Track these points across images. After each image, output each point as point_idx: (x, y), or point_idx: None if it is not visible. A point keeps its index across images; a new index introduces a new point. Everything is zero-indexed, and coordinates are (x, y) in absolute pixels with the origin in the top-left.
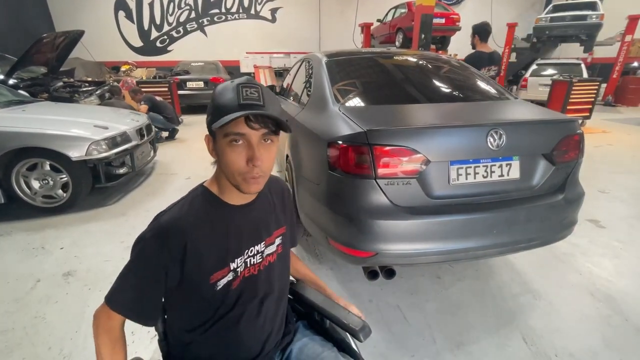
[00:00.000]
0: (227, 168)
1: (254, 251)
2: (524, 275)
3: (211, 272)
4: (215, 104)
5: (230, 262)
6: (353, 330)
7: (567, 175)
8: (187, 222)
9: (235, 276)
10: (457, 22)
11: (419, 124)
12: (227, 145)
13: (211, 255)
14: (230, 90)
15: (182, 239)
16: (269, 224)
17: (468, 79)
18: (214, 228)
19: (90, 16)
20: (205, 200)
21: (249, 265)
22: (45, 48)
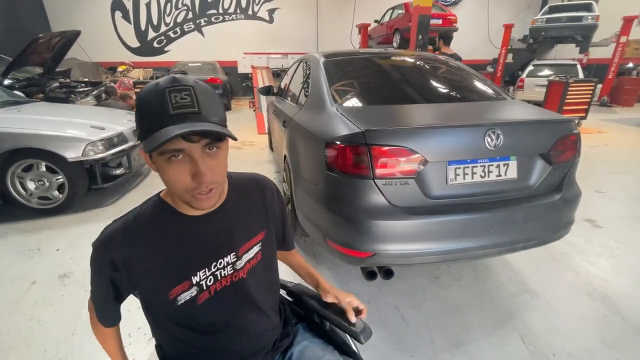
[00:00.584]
0: (171, 186)
1: (223, 263)
2: (521, 275)
3: (169, 288)
4: (140, 114)
5: (192, 275)
6: (354, 332)
7: (564, 175)
8: (131, 234)
9: (200, 290)
10: (454, 23)
11: (416, 124)
12: (165, 163)
13: (165, 269)
14: (156, 96)
15: (123, 252)
16: (240, 232)
17: (465, 79)
18: (167, 240)
19: (86, 16)
20: (157, 211)
21: (219, 278)
22: (41, 48)
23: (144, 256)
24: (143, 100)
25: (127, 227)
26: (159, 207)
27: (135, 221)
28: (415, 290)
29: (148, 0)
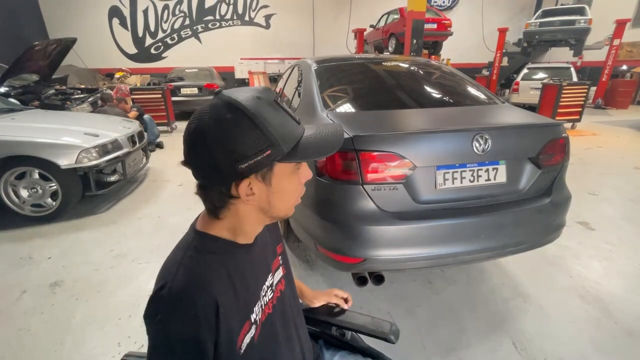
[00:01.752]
0: (288, 201)
1: (265, 289)
2: (514, 278)
3: (237, 334)
4: (273, 128)
5: (251, 313)
6: (383, 334)
7: (553, 178)
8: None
9: (255, 327)
10: (448, 28)
11: (405, 130)
12: (292, 174)
13: (235, 312)
14: (273, 109)
15: (213, 298)
16: (271, 249)
17: (457, 84)
18: (232, 279)
19: (84, 23)
20: (211, 248)
21: (263, 307)
22: (37, 56)
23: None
24: (266, 112)
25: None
26: (209, 243)
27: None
28: (408, 296)
29: (145, 7)
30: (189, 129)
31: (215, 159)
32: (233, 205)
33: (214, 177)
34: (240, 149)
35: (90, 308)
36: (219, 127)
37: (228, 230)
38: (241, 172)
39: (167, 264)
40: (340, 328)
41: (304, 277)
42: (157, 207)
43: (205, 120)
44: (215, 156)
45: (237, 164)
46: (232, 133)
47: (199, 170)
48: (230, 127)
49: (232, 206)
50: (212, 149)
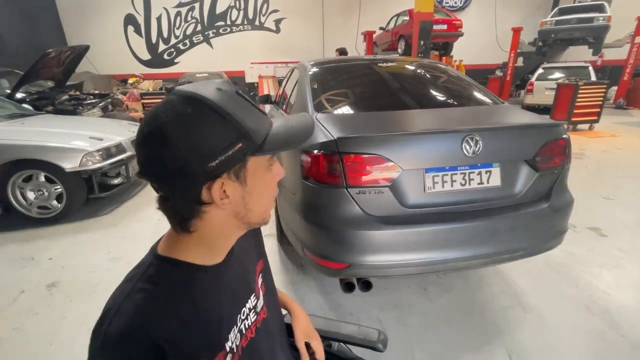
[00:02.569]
0: (266, 198)
1: (246, 311)
2: (515, 286)
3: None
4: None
5: (225, 342)
6: (371, 343)
7: (552, 182)
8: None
9: (232, 355)
10: (459, 28)
11: (390, 131)
12: (266, 170)
13: (200, 345)
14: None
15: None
16: (249, 269)
17: (453, 84)
18: (195, 310)
19: (100, 31)
20: (171, 275)
21: (244, 332)
22: (50, 63)
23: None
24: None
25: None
26: (169, 268)
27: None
28: (400, 302)
29: (159, 14)
30: (143, 133)
31: (180, 162)
32: (205, 213)
33: (180, 184)
34: (209, 145)
35: (83, 309)
36: (181, 124)
37: (196, 248)
38: (212, 171)
39: (115, 293)
40: (326, 339)
41: (296, 281)
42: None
43: (162, 119)
44: (181, 158)
45: (207, 163)
46: (197, 129)
47: (162, 179)
48: (194, 123)
49: (203, 214)
50: (175, 150)
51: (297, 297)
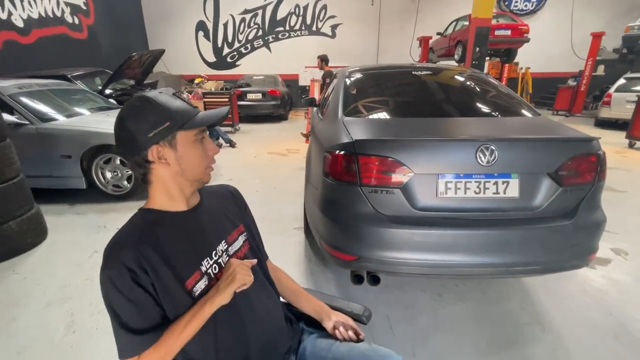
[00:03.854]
0: (195, 165)
1: (219, 251)
2: (538, 305)
3: (184, 280)
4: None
5: (200, 266)
6: (357, 316)
7: (580, 198)
8: (133, 238)
9: (210, 279)
10: (525, 34)
11: (405, 136)
12: (193, 143)
13: (176, 261)
14: (172, 98)
15: (135, 254)
16: (223, 224)
17: (486, 94)
18: (168, 238)
19: (176, 37)
20: (146, 220)
21: (223, 266)
22: (133, 64)
23: (154, 251)
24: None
25: (124, 235)
26: (147, 217)
27: (131, 230)
28: (412, 304)
29: (226, 21)
30: (115, 125)
31: (132, 134)
32: (154, 170)
33: (133, 148)
34: (148, 123)
35: None
36: (132, 111)
37: (160, 197)
38: (151, 139)
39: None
40: None
41: (316, 272)
42: None
43: (123, 111)
44: (132, 131)
45: (147, 134)
46: (142, 113)
47: (123, 148)
48: (139, 110)
49: (154, 171)
50: (129, 127)
51: (313, 286)
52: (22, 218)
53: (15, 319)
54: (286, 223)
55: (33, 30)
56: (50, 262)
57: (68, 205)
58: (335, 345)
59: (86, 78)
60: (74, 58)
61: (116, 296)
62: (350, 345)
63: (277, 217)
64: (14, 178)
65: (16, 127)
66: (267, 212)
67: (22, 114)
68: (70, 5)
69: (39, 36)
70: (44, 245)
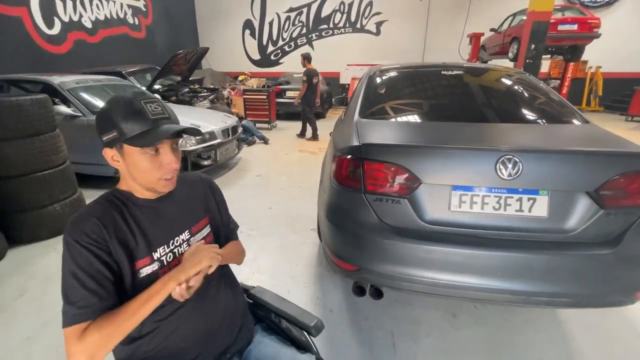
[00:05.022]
0: (143, 176)
1: (180, 240)
2: (571, 342)
3: (135, 260)
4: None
5: (153, 252)
6: (306, 326)
7: (628, 224)
8: (99, 211)
9: (161, 266)
10: (594, 29)
11: (418, 142)
12: (140, 155)
13: (132, 242)
14: (134, 105)
15: (98, 223)
16: (190, 214)
17: (524, 98)
18: (129, 220)
19: (224, 35)
20: (116, 198)
21: (177, 255)
22: (180, 61)
23: (114, 228)
24: (120, 108)
25: (93, 207)
26: (117, 196)
27: (98, 204)
28: (421, 322)
29: (271, 19)
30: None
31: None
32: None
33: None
34: (101, 126)
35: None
36: (99, 111)
37: (127, 184)
38: (105, 142)
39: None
40: (277, 315)
41: (325, 276)
42: (232, 191)
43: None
44: (96, 130)
45: (101, 135)
46: (100, 115)
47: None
48: (101, 112)
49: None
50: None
51: (320, 291)
52: (66, 202)
53: (47, 293)
54: (304, 223)
55: (99, 30)
56: None
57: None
58: (281, 353)
59: (138, 74)
60: (133, 56)
61: (67, 262)
62: (294, 354)
63: (296, 215)
64: (60, 165)
65: (71, 119)
66: (287, 210)
67: (76, 106)
68: (132, 7)
69: (104, 36)
70: None
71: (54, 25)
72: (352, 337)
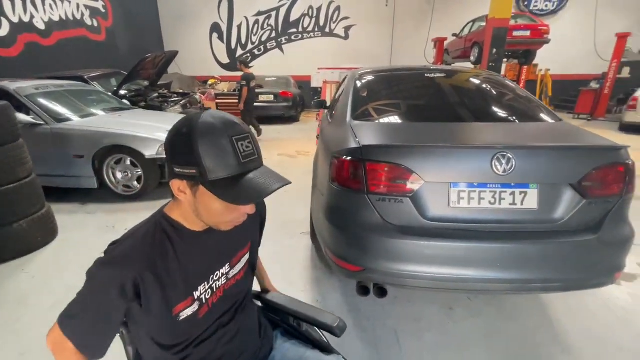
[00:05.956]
0: (211, 218)
1: (219, 274)
2: (557, 324)
3: (174, 304)
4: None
5: (194, 291)
6: (329, 327)
7: (606, 211)
8: (142, 253)
9: (201, 305)
10: (545, 35)
11: (417, 143)
12: (216, 201)
13: (172, 286)
14: (224, 142)
15: (135, 275)
16: (235, 243)
17: (504, 98)
18: (174, 258)
19: (191, 38)
20: (164, 229)
21: (215, 290)
22: (147, 66)
23: (154, 275)
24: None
25: (137, 246)
26: (165, 225)
27: (144, 239)
28: (421, 318)
29: (240, 22)
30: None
31: (167, 154)
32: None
33: (167, 166)
34: (177, 156)
35: None
36: (175, 133)
37: (180, 212)
38: (175, 172)
39: (130, 230)
40: (296, 318)
41: (322, 279)
42: None
43: (178, 124)
44: (167, 152)
45: (173, 166)
46: (177, 141)
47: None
48: (178, 137)
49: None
50: (168, 145)
51: (319, 294)
52: (33, 217)
53: (21, 318)
54: (293, 228)
55: (54, 32)
56: (59, 261)
57: (79, 205)
58: (306, 356)
59: (102, 79)
60: (93, 60)
61: (87, 296)
62: (320, 356)
63: (284, 221)
64: (26, 177)
65: (32, 127)
66: (274, 216)
67: (37, 114)
68: (90, 8)
69: (59, 38)
70: (54, 244)
71: (1, 26)
72: (357, 337)
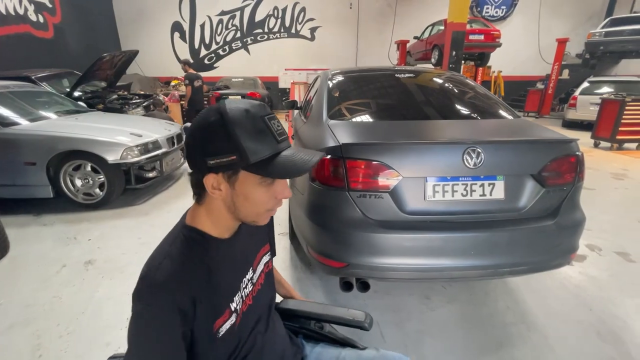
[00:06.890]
0: (252, 208)
1: (246, 281)
2: (522, 304)
3: (214, 320)
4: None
5: (231, 302)
6: (359, 323)
7: (561, 199)
8: (185, 273)
9: (236, 316)
10: (497, 39)
11: (393, 140)
12: (257, 186)
13: (214, 302)
14: (258, 121)
15: (189, 293)
16: (254, 247)
17: (468, 97)
18: (211, 271)
19: (150, 37)
20: (194, 242)
21: (244, 298)
22: (105, 65)
23: (201, 292)
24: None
25: (176, 266)
26: (195, 237)
27: (182, 257)
28: (401, 308)
29: (203, 22)
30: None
31: (195, 151)
32: (207, 195)
33: (194, 166)
34: (211, 147)
35: (112, 286)
36: (203, 125)
37: (207, 220)
38: (210, 167)
39: (157, 251)
40: (319, 321)
41: (303, 279)
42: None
43: (199, 119)
44: (195, 148)
45: (206, 159)
46: (208, 132)
47: (188, 158)
48: (209, 128)
49: (206, 196)
50: (194, 142)
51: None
52: None
53: None
54: None
55: None
56: (13, 279)
57: (33, 216)
58: (342, 355)
59: (53, 79)
60: (39, 58)
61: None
62: (357, 352)
63: None
64: None
65: None
66: None
67: None
68: (35, 2)
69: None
70: (5, 261)
71: None
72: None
